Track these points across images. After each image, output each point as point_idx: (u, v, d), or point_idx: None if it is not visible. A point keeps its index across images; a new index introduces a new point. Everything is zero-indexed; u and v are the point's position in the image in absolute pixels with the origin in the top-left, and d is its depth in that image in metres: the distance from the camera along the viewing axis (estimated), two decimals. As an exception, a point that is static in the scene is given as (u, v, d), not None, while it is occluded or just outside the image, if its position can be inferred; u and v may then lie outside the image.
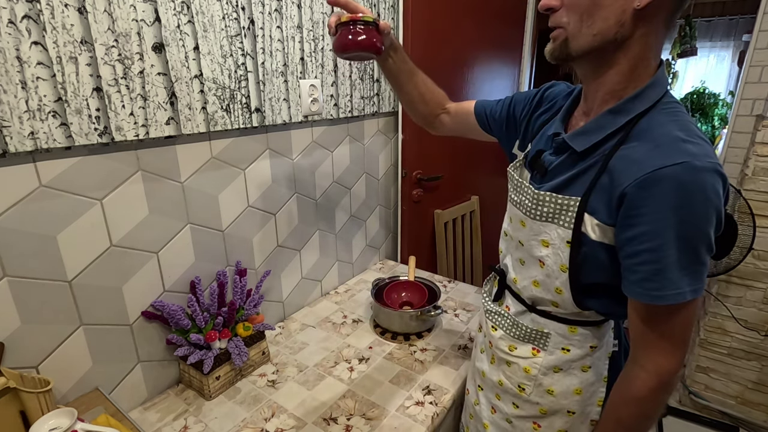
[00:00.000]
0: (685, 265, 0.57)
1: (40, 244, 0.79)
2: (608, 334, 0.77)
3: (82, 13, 0.76)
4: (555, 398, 0.78)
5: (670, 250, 0.56)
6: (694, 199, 0.54)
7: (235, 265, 1.17)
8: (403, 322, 1.25)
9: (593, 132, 0.65)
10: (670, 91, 0.65)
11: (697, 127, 0.61)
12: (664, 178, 0.54)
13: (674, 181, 0.54)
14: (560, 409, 0.78)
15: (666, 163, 0.54)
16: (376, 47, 0.80)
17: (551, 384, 0.78)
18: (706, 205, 0.54)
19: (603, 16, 0.58)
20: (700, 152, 0.55)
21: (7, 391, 0.69)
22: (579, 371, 0.76)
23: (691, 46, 3.06)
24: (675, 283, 0.57)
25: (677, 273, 0.57)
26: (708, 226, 0.56)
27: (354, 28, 0.78)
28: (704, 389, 2.07)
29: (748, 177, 1.74)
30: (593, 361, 0.76)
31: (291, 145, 1.26)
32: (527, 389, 0.80)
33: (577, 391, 0.77)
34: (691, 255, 0.57)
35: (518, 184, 0.77)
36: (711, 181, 0.54)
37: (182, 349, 0.99)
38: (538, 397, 0.79)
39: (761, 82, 1.70)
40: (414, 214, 1.79)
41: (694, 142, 0.56)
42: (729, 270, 1.77)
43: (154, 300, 0.99)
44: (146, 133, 0.89)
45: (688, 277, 0.57)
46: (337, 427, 0.94)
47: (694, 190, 0.54)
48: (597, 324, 0.75)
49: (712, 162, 0.54)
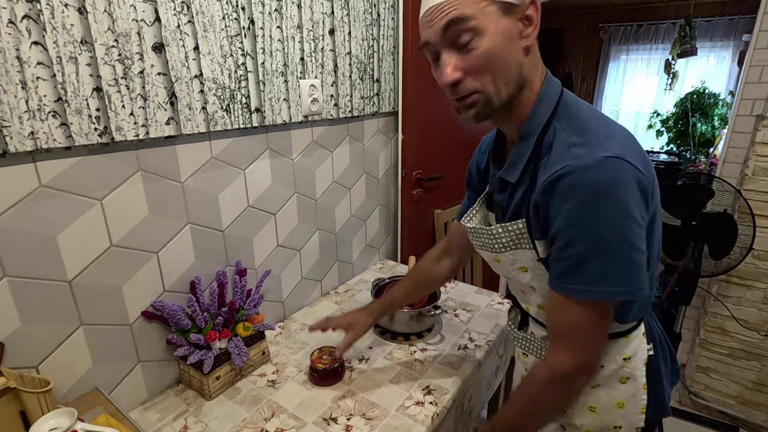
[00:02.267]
0: (576, 263, 0.60)
1: (40, 244, 0.79)
2: (639, 341, 0.76)
3: (82, 13, 0.76)
4: (598, 415, 0.77)
5: (570, 250, 0.60)
6: (582, 198, 0.57)
7: (235, 265, 1.17)
8: (403, 322, 1.25)
9: (517, 161, 0.69)
10: (564, 92, 0.68)
11: (596, 118, 0.64)
12: (552, 184, 0.59)
13: (562, 185, 0.59)
14: (606, 426, 0.77)
15: (555, 169, 0.59)
16: (340, 379, 1.08)
17: (592, 401, 0.77)
18: (599, 199, 0.57)
19: (508, 65, 0.62)
20: (585, 153, 0.58)
21: (7, 391, 0.69)
22: (618, 384, 0.75)
23: (691, 46, 3.05)
24: (572, 279, 0.61)
25: (578, 270, 0.60)
26: (605, 220, 0.57)
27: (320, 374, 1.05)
28: (704, 389, 2.07)
29: (748, 177, 1.74)
30: (630, 372, 0.75)
31: (291, 145, 1.26)
32: (568, 410, 0.79)
33: (620, 405, 0.76)
34: (579, 251, 0.59)
35: (472, 230, 0.81)
36: (599, 176, 0.57)
37: (182, 349, 0.99)
38: (581, 418, 0.79)
39: (761, 82, 1.70)
40: (414, 214, 1.79)
41: (585, 143, 0.59)
42: (729, 270, 1.77)
43: (154, 300, 0.99)
44: (146, 133, 0.89)
45: (575, 275, 0.61)
46: (337, 427, 0.94)
47: (579, 191, 0.57)
48: (623, 334, 0.74)
49: (598, 157, 0.57)
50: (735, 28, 3.74)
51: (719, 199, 1.74)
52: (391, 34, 1.54)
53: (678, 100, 3.43)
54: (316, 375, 1.06)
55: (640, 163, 0.59)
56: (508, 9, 0.60)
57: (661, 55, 4.08)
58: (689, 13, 3.14)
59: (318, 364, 1.05)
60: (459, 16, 0.59)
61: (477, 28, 0.59)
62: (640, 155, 0.61)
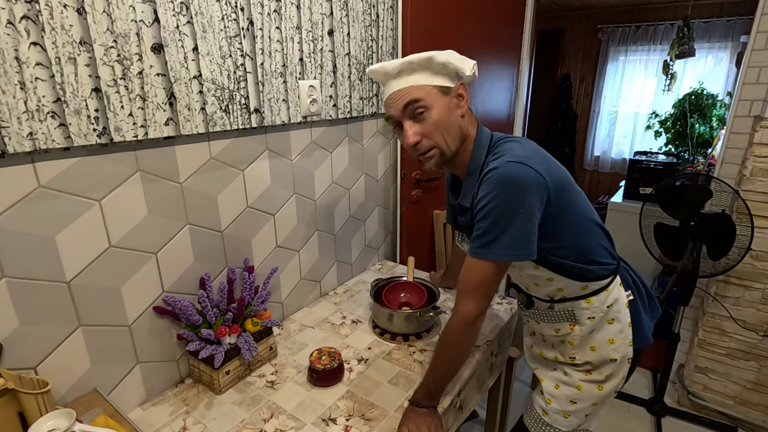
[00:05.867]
0: (482, 233, 0.85)
1: (38, 245, 0.78)
2: (618, 290, 0.99)
3: (81, 14, 0.76)
4: (597, 352, 1.00)
5: (479, 223, 0.85)
6: (487, 188, 0.83)
7: (243, 262, 1.17)
8: (402, 323, 1.25)
9: (468, 191, 0.94)
10: (493, 136, 0.95)
11: (517, 145, 0.90)
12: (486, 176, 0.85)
13: (481, 185, 0.86)
14: (604, 359, 1.00)
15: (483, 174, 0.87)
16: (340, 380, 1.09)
17: (591, 342, 1.00)
18: (500, 187, 0.81)
19: (451, 127, 0.90)
20: (497, 161, 0.85)
21: (6, 392, 0.69)
22: (607, 324, 0.99)
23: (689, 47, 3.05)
24: (477, 244, 0.86)
25: (481, 238, 0.85)
26: (501, 202, 0.81)
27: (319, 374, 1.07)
28: (703, 389, 2.07)
29: (746, 178, 1.74)
30: (614, 314, 0.99)
31: (290, 145, 1.26)
32: (577, 356, 1.02)
33: (611, 341, 0.99)
34: (485, 225, 0.84)
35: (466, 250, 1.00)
36: (498, 174, 0.82)
37: (193, 344, 1.01)
38: (587, 356, 1.01)
39: (759, 83, 1.71)
40: (413, 214, 1.79)
41: (499, 158, 0.86)
42: (727, 270, 1.77)
43: (153, 301, 0.99)
44: (145, 133, 0.89)
45: (479, 242, 0.85)
46: (336, 427, 0.94)
47: (488, 184, 0.83)
48: (604, 288, 0.98)
49: (503, 161, 0.83)
50: (733, 29, 3.75)
51: (717, 199, 1.75)
52: (390, 35, 1.54)
53: (676, 101, 3.43)
54: (315, 375, 1.06)
55: (542, 168, 0.83)
56: (445, 91, 0.89)
57: (659, 56, 4.08)
58: (687, 15, 3.14)
59: (317, 364, 1.05)
60: (413, 99, 0.87)
61: (426, 105, 0.87)
62: (545, 165, 0.85)
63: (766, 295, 1.81)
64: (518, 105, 2.41)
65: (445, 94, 0.88)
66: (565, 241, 0.91)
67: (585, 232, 0.95)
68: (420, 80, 0.87)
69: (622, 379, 1.03)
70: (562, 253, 0.92)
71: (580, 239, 0.94)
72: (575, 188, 0.93)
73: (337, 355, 1.08)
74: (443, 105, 0.88)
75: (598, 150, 4.70)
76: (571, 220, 0.91)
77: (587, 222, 0.95)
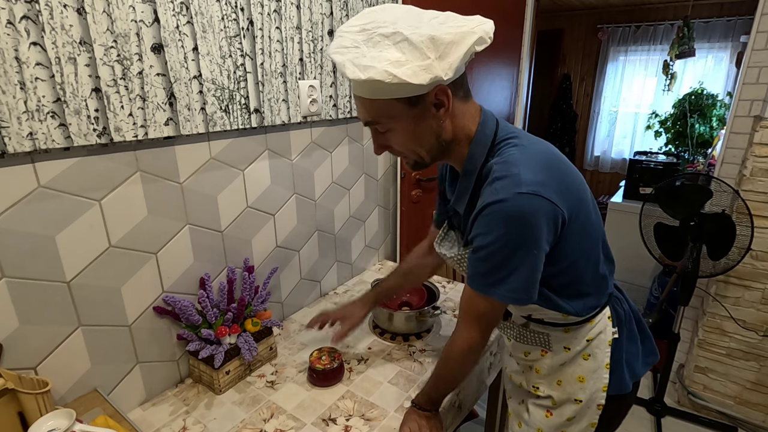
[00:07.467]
0: (486, 271, 0.74)
1: (38, 245, 0.78)
2: (604, 324, 0.87)
3: (80, 14, 0.76)
4: (563, 387, 0.89)
5: (485, 259, 0.73)
6: (494, 225, 0.70)
7: (243, 262, 1.17)
8: (402, 323, 1.25)
9: (462, 195, 0.83)
10: (499, 130, 0.79)
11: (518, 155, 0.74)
12: (475, 216, 0.73)
13: (480, 216, 0.72)
14: (568, 398, 0.89)
15: (480, 205, 0.72)
16: (340, 380, 1.08)
17: (559, 376, 0.89)
18: (505, 226, 0.69)
19: (424, 140, 0.76)
20: (502, 187, 0.69)
21: (6, 393, 0.69)
22: (581, 359, 0.87)
23: (689, 47, 3.05)
24: (478, 279, 0.76)
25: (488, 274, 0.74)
26: (500, 242, 0.70)
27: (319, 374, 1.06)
28: (703, 389, 2.07)
29: (746, 178, 1.74)
30: (592, 350, 0.87)
31: (290, 145, 1.26)
32: (541, 387, 0.92)
33: (580, 379, 0.87)
34: (489, 264, 0.73)
35: (442, 255, 0.94)
36: (507, 209, 0.68)
37: (193, 344, 1.00)
38: (551, 390, 0.91)
39: (759, 83, 1.71)
40: (413, 214, 1.79)
41: (505, 178, 0.70)
42: (727, 270, 1.77)
43: (153, 301, 0.99)
44: (145, 133, 0.89)
45: (483, 279, 0.75)
46: (336, 427, 0.94)
47: (494, 219, 0.70)
48: (588, 320, 0.86)
49: (512, 192, 0.68)
50: (733, 30, 3.75)
51: (717, 199, 1.75)
52: (390, 35, 1.53)
53: (676, 101, 3.43)
54: (315, 375, 1.06)
55: (556, 193, 0.70)
56: (414, 101, 0.71)
57: (659, 56, 4.08)
58: (687, 15, 3.14)
59: (317, 364, 1.05)
60: (369, 120, 0.76)
61: (385, 127, 0.75)
62: (560, 186, 0.71)
63: (766, 295, 1.81)
64: (518, 105, 2.41)
65: (414, 105, 0.71)
66: (560, 264, 0.78)
67: (586, 259, 0.81)
68: (378, 90, 0.69)
69: (591, 427, 0.89)
70: (552, 283, 0.79)
71: (577, 268, 0.80)
72: (587, 205, 0.79)
73: (337, 355, 1.08)
74: (411, 118, 0.73)
75: (598, 150, 4.70)
76: (574, 247, 0.77)
77: (590, 248, 0.81)
